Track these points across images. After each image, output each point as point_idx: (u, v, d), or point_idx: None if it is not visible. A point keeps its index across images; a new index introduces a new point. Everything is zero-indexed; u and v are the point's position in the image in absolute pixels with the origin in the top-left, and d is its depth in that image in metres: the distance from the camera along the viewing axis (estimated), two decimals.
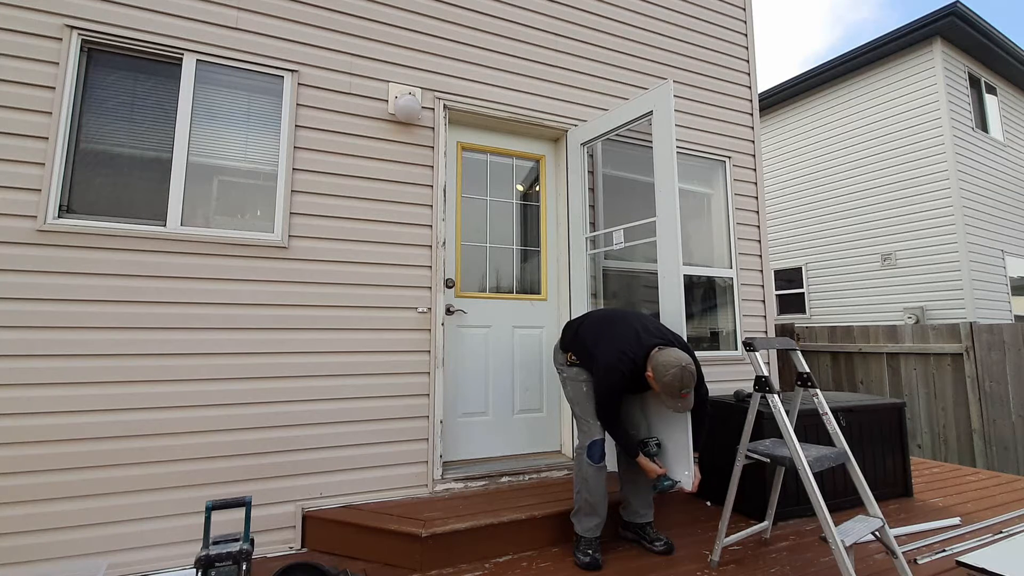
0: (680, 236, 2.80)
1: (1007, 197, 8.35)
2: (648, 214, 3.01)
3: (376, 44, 3.08)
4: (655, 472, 2.42)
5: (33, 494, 2.21)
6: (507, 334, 3.42)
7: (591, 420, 2.47)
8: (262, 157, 2.81)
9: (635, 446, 2.45)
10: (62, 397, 2.29)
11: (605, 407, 2.40)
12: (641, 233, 3.16)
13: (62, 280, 2.35)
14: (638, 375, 2.34)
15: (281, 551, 2.53)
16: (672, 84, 2.92)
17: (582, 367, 2.56)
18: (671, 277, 2.82)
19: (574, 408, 2.61)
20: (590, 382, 2.50)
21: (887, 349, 5.78)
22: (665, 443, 2.59)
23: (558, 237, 3.62)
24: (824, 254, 8.89)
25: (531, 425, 3.43)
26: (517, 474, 3.09)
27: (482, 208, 3.48)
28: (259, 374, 2.62)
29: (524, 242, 3.58)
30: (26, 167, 2.34)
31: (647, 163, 3.00)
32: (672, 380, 2.19)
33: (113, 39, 2.54)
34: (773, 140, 9.78)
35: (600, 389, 2.40)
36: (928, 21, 7.42)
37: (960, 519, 2.96)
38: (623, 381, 2.34)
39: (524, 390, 3.43)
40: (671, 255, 2.82)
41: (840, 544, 1.92)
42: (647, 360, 2.31)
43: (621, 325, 2.47)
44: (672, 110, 2.87)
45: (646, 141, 3.40)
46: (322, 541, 2.55)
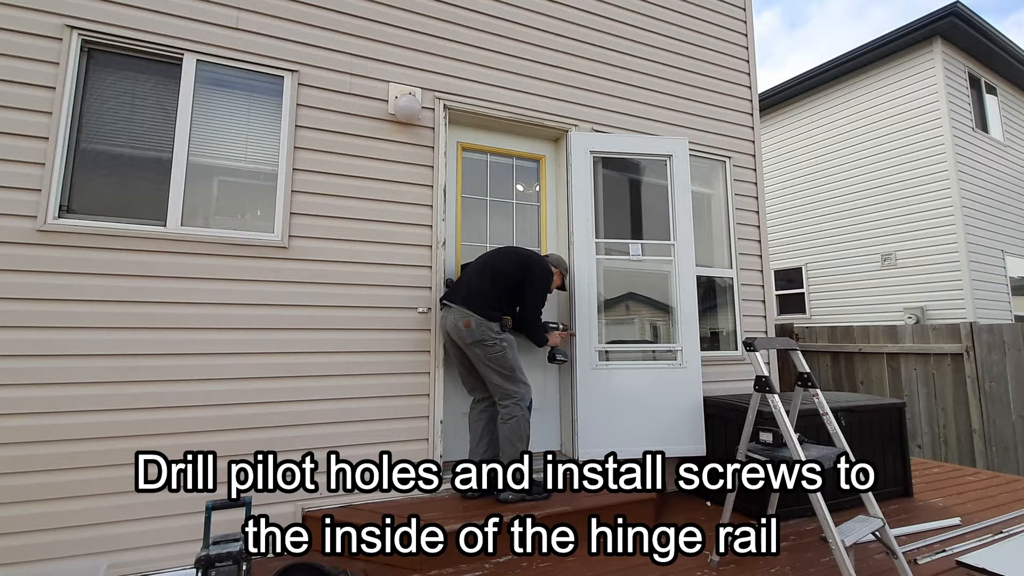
0: (694, 255, 3.56)
1: (1007, 197, 8.35)
2: (649, 213, 3.13)
3: (376, 44, 3.08)
4: (556, 342, 3.14)
5: (33, 494, 2.21)
6: None
7: (526, 379, 2.84)
8: (262, 157, 2.81)
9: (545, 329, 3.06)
10: (62, 397, 2.29)
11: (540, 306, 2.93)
12: (650, 242, 3.66)
13: (62, 280, 2.35)
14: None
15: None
16: (687, 142, 3.69)
17: (515, 329, 2.92)
18: (687, 286, 3.51)
19: (514, 373, 2.79)
20: (514, 345, 2.85)
21: (887, 349, 5.78)
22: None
23: (558, 237, 3.62)
24: (824, 254, 8.88)
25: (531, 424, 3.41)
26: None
27: (482, 208, 3.48)
28: (259, 374, 2.62)
29: (524, 242, 3.58)
30: (26, 167, 2.34)
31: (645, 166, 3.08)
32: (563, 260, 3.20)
33: (113, 39, 2.54)
34: (773, 140, 9.77)
35: (542, 292, 2.91)
36: (928, 21, 7.42)
37: (960, 519, 2.96)
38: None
39: None
40: (687, 271, 3.54)
41: (840, 544, 1.92)
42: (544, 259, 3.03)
43: (502, 255, 2.94)
44: (687, 159, 3.65)
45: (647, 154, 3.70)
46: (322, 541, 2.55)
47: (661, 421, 3.32)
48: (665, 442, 3.29)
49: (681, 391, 3.38)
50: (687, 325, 3.47)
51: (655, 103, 3.92)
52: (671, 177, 3.63)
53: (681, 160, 3.64)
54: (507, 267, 2.86)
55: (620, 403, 3.29)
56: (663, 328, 3.65)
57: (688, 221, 3.57)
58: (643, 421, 3.30)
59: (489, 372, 2.75)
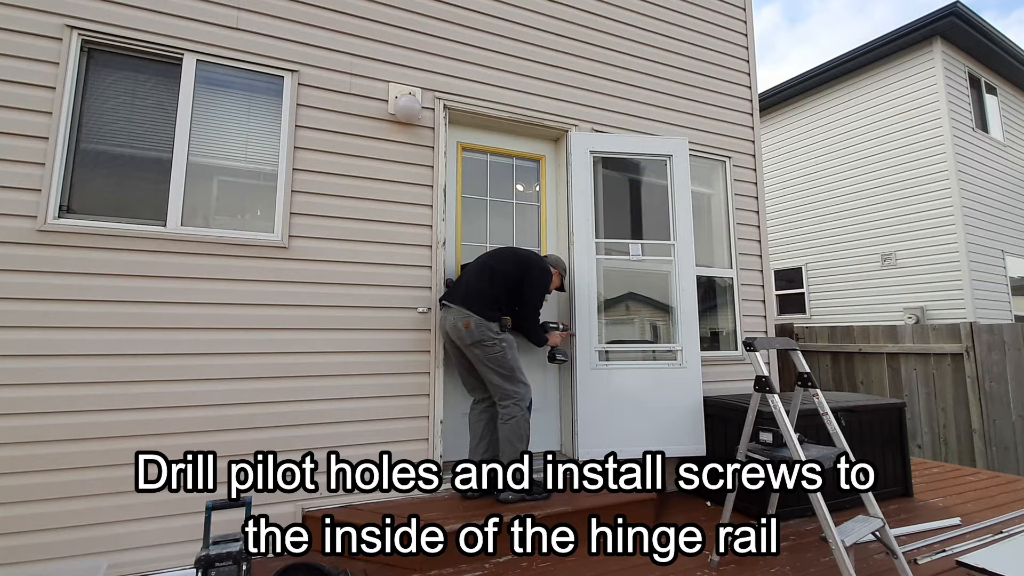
0: (694, 255, 3.57)
1: (1007, 197, 8.35)
2: (649, 213, 3.14)
3: (376, 44, 3.08)
4: (556, 342, 3.15)
5: (33, 494, 2.21)
6: None
7: (526, 379, 2.84)
8: (262, 157, 2.81)
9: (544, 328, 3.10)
10: (62, 397, 2.29)
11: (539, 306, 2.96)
12: (650, 242, 3.66)
13: (62, 280, 2.35)
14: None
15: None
16: (687, 142, 3.70)
17: (514, 329, 2.93)
18: (687, 286, 3.53)
19: (514, 374, 2.78)
20: (514, 345, 2.85)
21: (887, 349, 5.78)
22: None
23: (558, 237, 3.62)
24: (824, 254, 8.88)
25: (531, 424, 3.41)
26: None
27: (482, 208, 3.48)
28: (259, 374, 2.62)
29: (524, 242, 3.58)
30: (26, 167, 2.34)
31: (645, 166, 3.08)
32: (561, 260, 3.23)
33: (113, 39, 2.54)
34: (773, 140, 9.77)
35: (540, 292, 2.93)
36: (928, 21, 7.42)
37: (960, 519, 2.96)
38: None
39: None
40: (687, 271, 3.55)
41: (840, 544, 1.92)
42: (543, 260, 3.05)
43: (501, 255, 2.95)
44: (687, 159, 3.66)
45: (647, 154, 3.70)
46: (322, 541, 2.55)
47: (661, 421, 3.32)
48: (665, 442, 3.30)
49: (681, 391, 3.38)
50: (687, 325, 3.47)
51: (655, 103, 3.92)
52: (671, 177, 3.64)
53: (681, 160, 3.64)
54: (506, 267, 2.86)
55: (620, 403, 3.29)
56: (663, 328, 3.65)
57: (688, 221, 3.58)
58: (643, 421, 3.30)
59: (489, 372, 2.75)
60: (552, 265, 3.09)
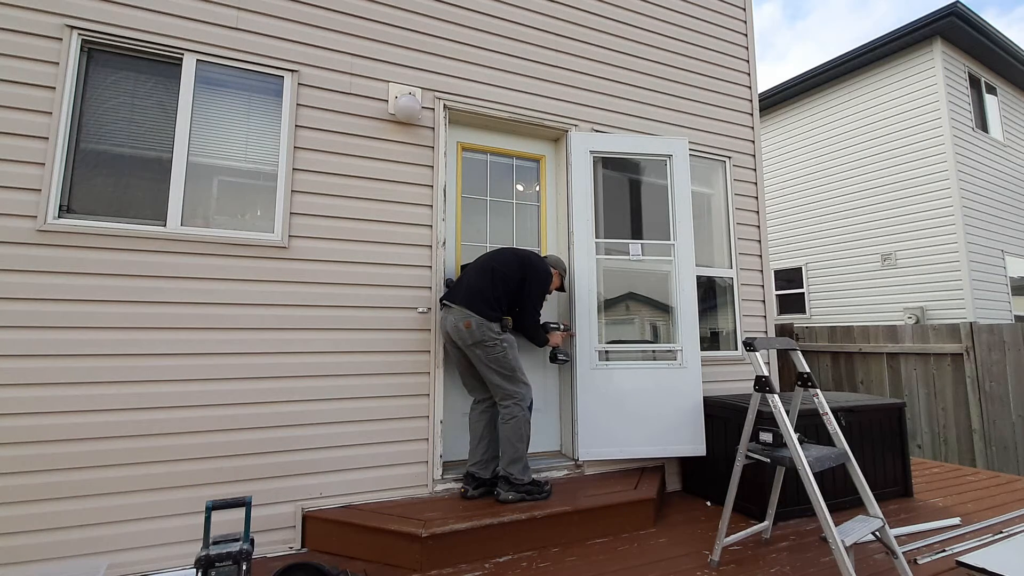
0: (694, 255, 3.57)
1: (1007, 197, 8.35)
2: (649, 213, 3.15)
3: (376, 44, 3.08)
4: (557, 342, 3.16)
5: (33, 494, 2.21)
6: None
7: (527, 379, 2.85)
8: (262, 157, 2.81)
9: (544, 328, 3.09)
10: (62, 397, 2.29)
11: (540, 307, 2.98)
12: (650, 242, 3.66)
13: (62, 280, 2.35)
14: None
15: (281, 551, 2.53)
16: (687, 142, 3.71)
17: (515, 329, 2.93)
18: (687, 286, 3.53)
19: (515, 374, 2.78)
20: (515, 345, 2.85)
21: (887, 349, 5.78)
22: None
23: (558, 237, 3.62)
24: (824, 254, 8.88)
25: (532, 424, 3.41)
26: None
27: (482, 208, 3.48)
28: (259, 374, 2.62)
29: (524, 242, 3.58)
30: (26, 167, 2.34)
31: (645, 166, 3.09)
32: (561, 261, 3.23)
33: (113, 39, 2.54)
34: (773, 140, 9.77)
35: (541, 293, 2.94)
36: (928, 21, 7.42)
37: (960, 519, 2.96)
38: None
39: None
40: (687, 271, 3.56)
41: (840, 544, 1.92)
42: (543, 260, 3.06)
43: (502, 256, 2.95)
44: (687, 159, 3.67)
45: (647, 154, 3.71)
46: (322, 541, 2.55)
47: (661, 421, 3.32)
48: (665, 442, 3.30)
49: (681, 391, 3.38)
50: (687, 325, 3.48)
51: (655, 103, 3.92)
52: (671, 177, 3.64)
53: (681, 160, 3.65)
54: (507, 268, 2.86)
55: (620, 403, 3.29)
56: (663, 328, 3.65)
57: (688, 221, 3.58)
58: (643, 421, 3.30)
59: (489, 373, 2.75)
60: (552, 265, 3.10)
